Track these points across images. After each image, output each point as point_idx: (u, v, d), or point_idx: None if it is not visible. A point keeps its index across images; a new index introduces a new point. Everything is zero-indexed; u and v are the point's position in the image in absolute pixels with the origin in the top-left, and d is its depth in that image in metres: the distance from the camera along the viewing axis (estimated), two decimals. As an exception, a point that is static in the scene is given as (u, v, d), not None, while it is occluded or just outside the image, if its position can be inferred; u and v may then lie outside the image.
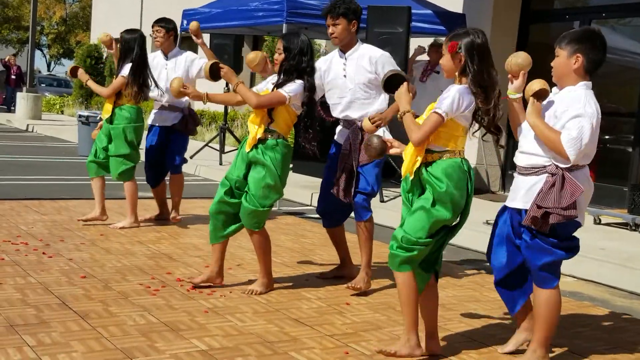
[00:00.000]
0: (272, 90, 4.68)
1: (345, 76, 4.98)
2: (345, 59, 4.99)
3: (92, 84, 6.62)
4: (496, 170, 10.46)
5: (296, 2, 8.96)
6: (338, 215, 5.21)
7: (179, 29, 6.67)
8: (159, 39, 6.74)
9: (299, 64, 4.66)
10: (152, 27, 6.80)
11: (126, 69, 6.39)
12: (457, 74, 3.59)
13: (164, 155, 6.86)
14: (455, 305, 4.79)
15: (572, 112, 3.41)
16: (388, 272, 5.44)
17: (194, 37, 6.37)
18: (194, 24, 6.38)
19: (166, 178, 7.02)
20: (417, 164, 3.59)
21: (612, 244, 6.72)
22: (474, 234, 6.51)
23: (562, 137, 3.38)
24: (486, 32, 11.32)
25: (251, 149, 4.67)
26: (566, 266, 5.94)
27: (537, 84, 3.50)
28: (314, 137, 4.84)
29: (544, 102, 3.56)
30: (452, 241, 6.52)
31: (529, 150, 3.57)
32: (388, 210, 7.80)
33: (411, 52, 8.89)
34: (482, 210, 7.20)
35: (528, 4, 10.61)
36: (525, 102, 3.62)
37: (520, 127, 3.67)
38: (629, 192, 7.98)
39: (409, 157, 3.61)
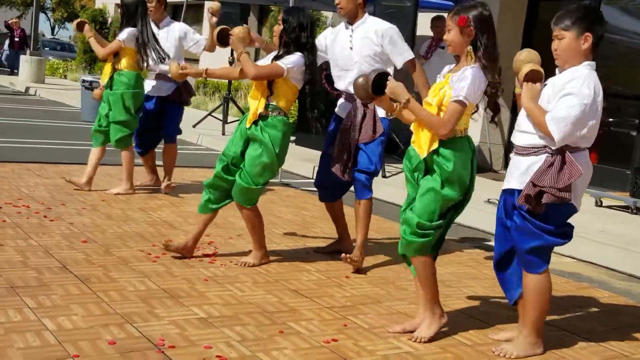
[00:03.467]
0: (272, 62, 4.65)
1: (351, 48, 4.93)
2: (352, 30, 4.94)
3: (92, 41, 6.54)
4: (499, 149, 10.44)
5: (304, -27, 8.89)
6: (336, 190, 5.16)
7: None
8: (151, 9, 6.65)
9: (298, 39, 4.61)
10: None
11: (124, 34, 6.37)
12: (468, 49, 3.52)
13: (157, 125, 6.83)
14: (455, 283, 4.80)
15: (567, 89, 3.31)
16: (388, 247, 5.48)
17: (211, 16, 6.31)
18: (215, 5, 6.34)
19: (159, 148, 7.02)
20: (435, 145, 3.52)
21: (613, 226, 6.72)
22: (474, 212, 6.51)
23: (547, 116, 3.31)
24: (494, 10, 11.30)
25: (251, 126, 4.63)
26: (566, 247, 5.92)
27: (527, 67, 3.43)
28: (319, 117, 4.84)
29: (546, 83, 3.47)
30: (453, 218, 6.58)
31: (528, 130, 3.46)
32: (390, 186, 7.80)
33: (418, 29, 8.82)
34: (484, 189, 7.20)
35: (537, -18, 10.51)
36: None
37: (519, 107, 3.58)
38: (632, 176, 7.96)
39: (425, 138, 3.53)
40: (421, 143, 3.55)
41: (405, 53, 4.91)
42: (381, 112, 4.83)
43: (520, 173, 3.48)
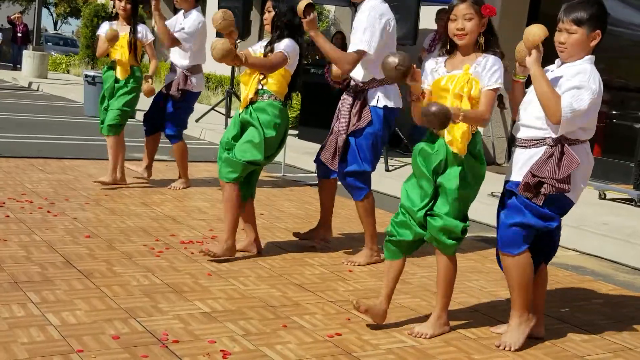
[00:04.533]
0: (265, 49, 4.64)
1: (352, 28, 4.78)
2: (357, 11, 4.80)
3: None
4: (502, 142, 10.43)
5: (306, -33, 8.86)
6: (328, 169, 4.97)
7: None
8: (177, 0, 6.68)
9: (290, 22, 4.63)
10: None
11: (149, 32, 6.55)
12: (480, 39, 3.49)
13: (158, 112, 6.78)
14: (458, 276, 4.73)
15: (575, 82, 3.30)
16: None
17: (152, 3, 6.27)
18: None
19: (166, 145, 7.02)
20: (469, 139, 3.47)
21: (617, 219, 6.71)
22: (477, 206, 6.44)
23: (563, 100, 3.27)
24: (497, 1, 11.20)
25: (243, 110, 4.65)
26: (570, 240, 5.96)
27: (539, 30, 3.31)
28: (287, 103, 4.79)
29: (549, 76, 3.45)
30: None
31: (528, 123, 3.46)
32: (392, 180, 7.80)
33: (421, 22, 8.80)
34: (487, 182, 7.16)
35: (540, -27, 10.48)
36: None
37: (522, 101, 3.56)
38: (635, 168, 7.95)
39: (460, 133, 3.43)
40: (457, 138, 3.44)
41: (355, 43, 4.59)
42: (373, 101, 4.70)
43: (521, 165, 3.48)
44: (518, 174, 3.49)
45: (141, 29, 6.53)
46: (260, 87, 4.65)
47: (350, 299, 3.67)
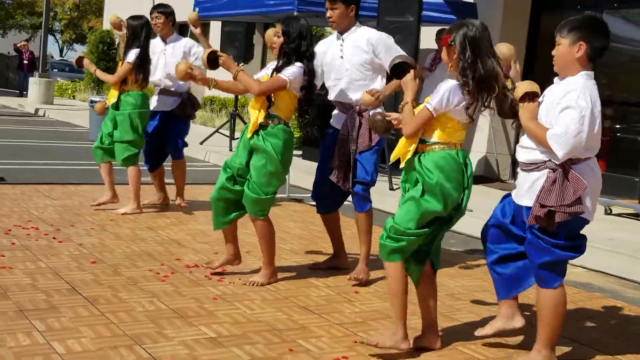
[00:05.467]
0: (272, 75, 4.65)
1: (342, 57, 4.94)
2: (342, 40, 4.95)
3: (99, 73, 6.69)
4: (506, 159, 10.42)
5: (307, -9, 8.96)
6: (333, 202, 5.13)
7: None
8: (158, 25, 6.76)
9: (298, 48, 4.62)
10: (151, 13, 6.79)
11: (131, 55, 6.41)
12: (452, 66, 3.55)
13: (164, 141, 6.86)
14: (464, 295, 4.78)
15: (564, 103, 3.31)
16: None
17: (192, 28, 6.29)
18: (192, 15, 6.34)
19: (167, 163, 7.05)
20: (410, 154, 3.59)
21: (623, 234, 6.69)
22: (483, 223, 6.48)
23: (548, 134, 3.30)
24: (497, 21, 11.32)
25: (252, 136, 4.65)
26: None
27: (524, 86, 3.43)
28: (314, 121, 4.85)
29: (545, 93, 3.47)
30: (461, 230, 6.56)
31: (528, 145, 3.46)
32: (396, 199, 7.72)
33: (422, 42, 8.84)
34: (493, 199, 7.16)
35: (539, -6, 10.54)
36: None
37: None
38: (640, 183, 7.94)
39: (401, 145, 3.63)
40: (398, 149, 3.64)
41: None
42: None
43: (527, 188, 3.48)
44: (527, 199, 3.47)
45: (130, 53, 6.44)
46: (269, 112, 4.62)
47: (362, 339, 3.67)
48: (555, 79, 3.52)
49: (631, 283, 5.57)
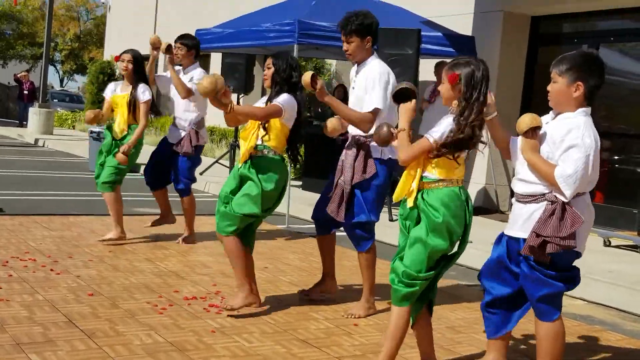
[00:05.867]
0: (266, 104, 4.69)
1: (353, 88, 4.96)
2: (356, 72, 4.96)
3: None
4: (505, 190, 10.43)
5: (307, 24, 9.01)
6: (329, 223, 5.04)
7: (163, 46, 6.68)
8: (179, 55, 6.80)
9: (289, 78, 4.70)
10: (175, 42, 6.83)
11: (147, 92, 6.59)
12: (456, 101, 3.55)
13: (162, 166, 6.84)
14: (465, 328, 4.76)
15: (569, 141, 3.32)
16: (396, 293, 5.43)
17: (150, 50, 6.42)
18: (153, 37, 6.52)
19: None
20: (414, 193, 3.57)
21: (622, 266, 6.67)
22: (484, 255, 6.44)
23: (557, 173, 3.30)
24: (495, 55, 11.42)
25: (242, 165, 4.69)
26: (576, 289, 5.90)
27: (527, 120, 3.39)
28: (296, 157, 4.90)
29: (543, 130, 3.46)
30: (461, 262, 6.53)
31: (527, 178, 3.47)
32: (396, 230, 7.75)
33: (421, 74, 8.90)
34: (492, 230, 7.15)
35: (537, 28, 10.64)
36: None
37: (517, 152, 3.56)
38: (639, 214, 7.93)
39: (403, 182, 3.61)
40: (401, 187, 3.62)
41: (372, 102, 4.74)
42: (376, 153, 4.79)
43: (523, 220, 3.47)
44: (521, 231, 3.47)
45: (141, 88, 6.57)
46: (259, 142, 4.68)
47: None
48: (550, 113, 3.53)
49: (631, 315, 5.55)
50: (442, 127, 3.52)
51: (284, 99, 4.66)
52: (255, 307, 4.74)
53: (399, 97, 3.78)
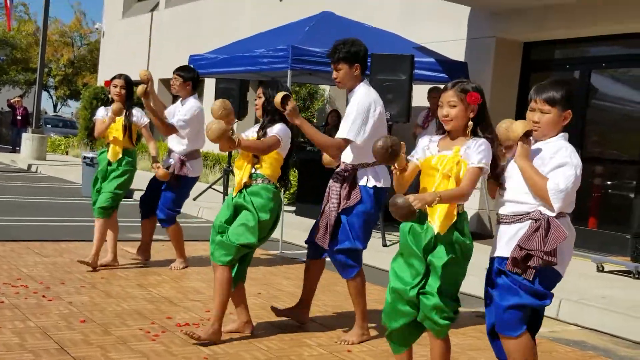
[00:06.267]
0: (258, 134, 4.70)
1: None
2: (348, 100, 4.98)
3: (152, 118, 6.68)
4: (499, 216, 10.45)
5: (301, 49, 9.07)
6: (320, 248, 5.01)
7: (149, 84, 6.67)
8: (175, 87, 6.85)
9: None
10: (173, 73, 6.87)
11: (144, 116, 6.64)
12: (469, 124, 3.56)
13: (156, 196, 6.83)
14: (459, 354, 4.74)
15: (560, 159, 3.35)
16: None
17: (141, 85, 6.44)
18: (141, 71, 6.53)
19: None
20: (454, 218, 3.51)
21: (616, 292, 6.67)
22: (477, 280, 6.44)
23: (549, 186, 3.32)
24: (487, 80, 11.52)
25: (237, 194, 4.68)
26: (570, 315, 5.92)
27: (521, 125, 3.39)
28: (287, 184, 4.91)
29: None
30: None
31: (512, 199, 3.48)
32: (390, 255, 7.74)
33: (414, 99, 8.95)
34: (485, 255, 7.15)
35: (529, 54, 10.75)
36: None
37: (503, 176, 3.56)
38: (632, 240, 7.94)
39: (446, 215, 3.49)
40: (439, 217, 3.50)
41: (343, 131, 4.73)
42: (362, 181, 4.79)
43: (507, 240, 3.46)
44: (505, 249, 3.46)
45: (136, 112, 6.62)
46: (253, 171, 4.69)
47: None
48: (530, 138, 3.54)
49: (625, 341, 5.54)
50: (486, 151, 3.49)
51: (279, 129, 4.66)
52: (247, 334, 4.72)
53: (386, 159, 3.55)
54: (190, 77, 6.82)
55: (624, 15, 8.95)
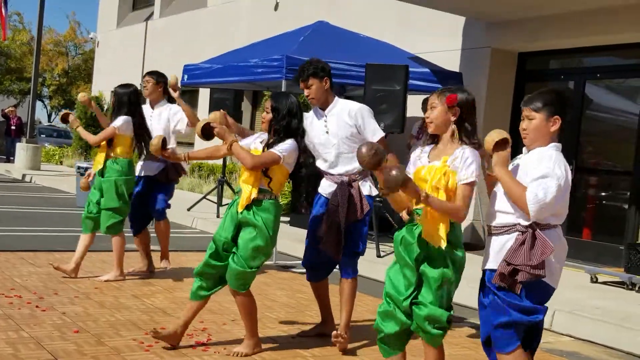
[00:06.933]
0: (263, 149, 4.63)
1: (327, 132, 4.99)
2: (326, 116, 5.02)
3: (81, 130, 6.73)
4: (493, 227, 10.46)
5: (295, 59, 9.08)
6: (323, 269, 5.15)
7: (179, 83, 6.75)
8: (147, 89, 6.88)
9: (288, 125, 4.61)
10: (143, 77, 6.92)
11: (119, 121, 6.44)
12: (452, 127, 3.59)
13: (147, 205, 6.88)
14: (452, 365, 4.73)
15: (541, 170, 3.34)
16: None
17: (170, 91, 6.50)
18: (172, 78, 6.56)
19: (151, 229, 7.05)
20: (447, 231, 3.52)
21: (609, 303, 6.68)
22: (471, 291, 6.45)
23: (528, 195, 3.30)
24: (482, 90, 11.56)
25: (243, 210, 4.58)
26: (564, 326, 5.92)
27: (494, 135, 3.40)
28: (307, 204, 4.95)
29: (515, 163, 3.49)
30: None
31: (499, 209, 3.47)
32: (384, 266, 7.74)
33: (408, 109, 8.97)
34: (479, 265, 7.17)
35: (524, 64, 10.79)
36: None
37: (493, 189, 3.56)
38: (625, 251, 7.96)
39: (436, 226, 3.51)
40: (435, 232, 3.52)
41: (377, 131, 4.97)
42: (365, 190, 4.98)
43: (496, 252, 3.46)
44: (493, 262, 3.46)
45: (120, 118, 6.46)
46: (262, 186, 4.57)
47: None
48: (523, 149, 3.56)
49: (618, 352, 5.54)
50: (475, 164, 3.52)
51: (285, 148, 4.55)
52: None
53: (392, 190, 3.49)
54: (162, 80, 6.88)
55: (619, 25, 8.99)
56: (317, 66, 4.97)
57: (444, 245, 3.50)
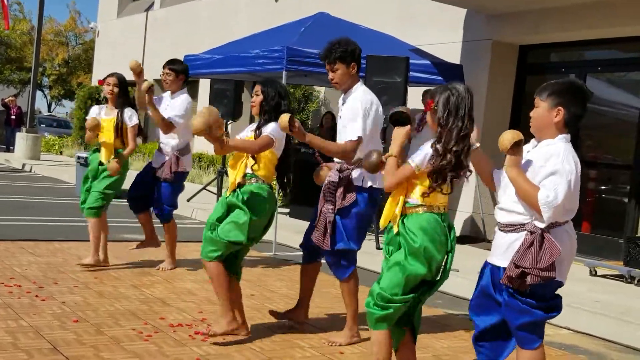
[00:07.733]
0: (255, 133, 4.67)
1: (340, 117, 4.92)
2: (343, 100, 4.93)
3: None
4: (492, 219, 10.36)
5: (296, 50, 9.07)
6: (318, 251, 5.00)
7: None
8: (167, 81, 6.75)
9: (278, 106, 4.68)
10: (163, 68, 6.81)
11: (134, 116, 6.54)
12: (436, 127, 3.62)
13: (145, 191, 6.82)
14: (450, 357, 4.75)
15: (550, 167, 3.30)
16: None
17: (134, 77, 6.35)
18: (132, 62, 6.34)
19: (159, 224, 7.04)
20: (398, 218, 3.61)
21: (608, 296, 6.69)
22: (470, 284, 6.46)
23: (540, 197, 3.27)
24: (483, 83, 11.51)
25: (230, 194, 4.67)
26: (562, 319, 5.91)
27: (510, 136, 3.34)
28: (285, 186, 4.90)
29: (525, 157, 3.45)
30: (448, 290, 6.54)
31: (508, 207, 3.45)
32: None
33: (409, 102, 8.96)
34: (478, 259, 7.16)
35: (525, 57, 10.77)
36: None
37: (500, 181, 3.56)
38: (625, 244, 7.97)
39: (388, 209, 3.65)
40: (386, 213, 3.66)
41: (354, 131, 4.70)
42: (358, 182, 4.76)
43: (503, 250, 3.44)
44: (501, 259, 3.45)
45: (128, 112, 6.55)
46: (248, 171, 4.68)
47: None
48: (532, 140, 3.54)
49: (617, 345, 5.55)
50: (423, 152, 3.57)
51: (272, 128, 4.64)
52: (243, 335, 4.71)
53: (394, 122, 3.78)
54: (182, 70, 6.78)
55: (620, 18, 8.98)
56: (346, 49, 4.75)
57: (384, 224, 3.66)
